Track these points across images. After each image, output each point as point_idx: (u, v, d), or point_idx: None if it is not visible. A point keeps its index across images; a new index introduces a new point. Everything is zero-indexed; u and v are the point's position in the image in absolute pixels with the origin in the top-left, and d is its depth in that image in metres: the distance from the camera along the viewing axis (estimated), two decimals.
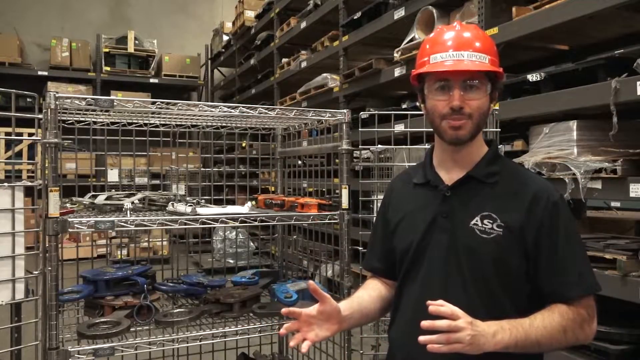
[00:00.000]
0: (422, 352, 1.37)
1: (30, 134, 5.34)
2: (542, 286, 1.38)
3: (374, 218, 1.83)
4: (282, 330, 1.36)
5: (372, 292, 1.60)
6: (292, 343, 1.34)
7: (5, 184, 1.95)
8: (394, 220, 1.56)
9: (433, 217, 1.45)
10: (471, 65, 1.37)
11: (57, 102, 1.79)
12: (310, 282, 1.36)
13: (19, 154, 7.15)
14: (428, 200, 1.49)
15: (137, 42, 9.64)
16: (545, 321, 1.31)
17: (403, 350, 1.47)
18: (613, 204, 4.07)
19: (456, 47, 1.39)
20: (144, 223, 1.98)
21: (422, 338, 1.19)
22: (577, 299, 1.36)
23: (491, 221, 1.38)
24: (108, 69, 9.47)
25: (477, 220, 1.40)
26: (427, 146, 1.70)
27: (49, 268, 1.80)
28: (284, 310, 1.36)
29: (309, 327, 1.37)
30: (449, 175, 1.48)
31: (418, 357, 1.40)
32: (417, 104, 1.61)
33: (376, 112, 3.00)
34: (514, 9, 3.17)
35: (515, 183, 1.45)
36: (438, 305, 1.22)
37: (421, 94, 1.49)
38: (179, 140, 2.91)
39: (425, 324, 1.19)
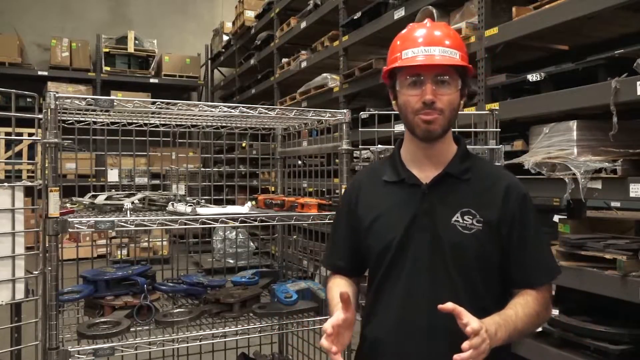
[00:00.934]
0: (414, 349, 1.39)
1: (30, 134, 5.34)
2: (512, 275, 1.45)
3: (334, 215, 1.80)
4: (323, 343, 1.31)
5: (350, 288, 1.56)
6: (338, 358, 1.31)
7: (5, 184, 1.95)
8: (367, 219, 1.53)
9: (413, 215, 1.45)
10: (443, 60, 1.39)
11: (57, 102, 1.80)
12: (343, 292, 1.34)
13: (19, 154, 7.14)
14: (405, 198, 1.48)
15: (137, 42, 9.64)
16: (525, 310, 1.38)
17: (392, 349, 1.47)
18: (613, 204, 4.07)
19: (427, 43, 1.41)
20: (144, 223, 1.98)
21: (457, 357, 1.17)
22: (543, 285, 1.46)
23: (471, 217, 1.42)
24: (108, 69, 9.47)
25: (457, 217, 1.42)
26: None
27: (49, 268, 1.80)
28: (327, 330, 1.31)
29: (336, 337, 1.35)
30: (423, 173, 1.49)
31: (410, 355, 1.42)
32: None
33: (376, 112, 2.99)
34: (514, 9, 3.17)
35: (487, 178, 1.49)
36: (460, 314, 1.20)
37: (392, 90, 1.50)
38: (179, 140, 2.91)
39: (465, 345, 1.17)
